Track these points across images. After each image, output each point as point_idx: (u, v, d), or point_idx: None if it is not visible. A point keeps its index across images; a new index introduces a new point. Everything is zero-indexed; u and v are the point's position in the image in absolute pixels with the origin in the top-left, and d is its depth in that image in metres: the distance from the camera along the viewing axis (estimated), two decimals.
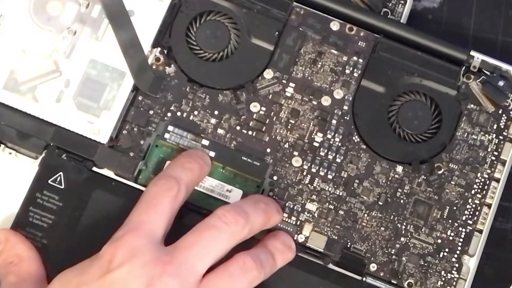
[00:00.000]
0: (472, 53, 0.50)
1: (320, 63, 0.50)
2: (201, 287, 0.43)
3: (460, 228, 0.48)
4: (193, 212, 0.47)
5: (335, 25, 0.50)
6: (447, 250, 0.48)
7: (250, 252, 0.44)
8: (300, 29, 0.50)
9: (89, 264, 0.43)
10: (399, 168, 0.49)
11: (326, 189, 0.49)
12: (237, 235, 0.44)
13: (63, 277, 0.44)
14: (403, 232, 0.48)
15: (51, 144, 0.48)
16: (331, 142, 0.49)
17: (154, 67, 0.49)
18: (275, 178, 0.49)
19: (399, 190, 0.49)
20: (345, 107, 0.50)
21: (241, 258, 0.44)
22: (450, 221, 0.48)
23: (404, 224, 0.48)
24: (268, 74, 0.50)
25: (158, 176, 0.46)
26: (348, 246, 0.48)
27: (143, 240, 0.43)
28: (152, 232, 0.43)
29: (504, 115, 0.50)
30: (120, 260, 0.42)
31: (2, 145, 0.49)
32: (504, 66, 0.50)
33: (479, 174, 0.49)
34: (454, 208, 0.49)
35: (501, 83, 0.49)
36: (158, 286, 0.42)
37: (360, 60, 0.50)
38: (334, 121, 0.49)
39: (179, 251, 0.43)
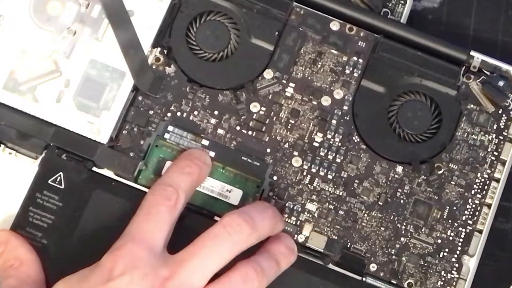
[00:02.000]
0: (472, 53, 0.50)
1: (320, 63, 0.50)
2: None
3: (460, 228, 0.48)
4: (192, 212, 0.47)
5: (335, 25, 0.50)
6: (447, 250, 0.48)
7: (252, 260, 0.44)
8: (300, 29, 0.50)
9: (90, 272, 0.43)
10: (399, 168, 0.49)
11: (326, 189, 0.49)
12: (242, 243, 0.44)
13: (64, 283, 0.44)
14: (403, 232, 0.48)
15: (51, 144, 0.48)
16: (331, 142, 0.49)
17: (154, 67, 0.50)
18: (275, 178, 0.49)
19: (399, 190, 0.49)
20: (345, 107, 0.50)
21: (243, 269, 0.44)
22: (450, 221, 0.48)
23: (404, 224, 0.48)
24: (268, 74, 0.50)
25: (156, 183, 0.46)
26: (348, 246, 0.48)
27: (144, 251, 0.43)
28: (152, 243, 0.43)
29: (504, 115, 0.50)
30: (121, 269, 0.42)
31: (2, 145, 0.49)
32: (504, 66, 0.50)
33: (479, 174, 0.49)
34: (454, 208, 0.49)
35: (501, 83, 0.49)
36: None
37: (360, 60, 0.50)
38: (334, 121, 0.49)
39: (179, 265, 0.43)
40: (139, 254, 0.43)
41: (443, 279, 0.48)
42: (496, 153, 0.49)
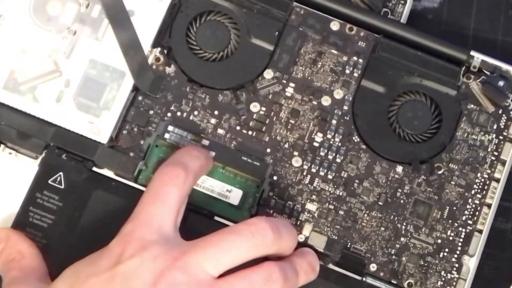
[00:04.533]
0: (472, 53, 0.50)
1: (320, 63, 0.50)
2: (215, 287, 0.42)
3: (460, 228, 0.48)
4: (192, 212, 0.47)
5: (335, 25, 0.50)
6: (447, 250, 0.48)
7: (278, 264, 0.43)
8: (300, 29, 0.50)
9: (99, 256, 0.43)
10: (399, 168, 0.49)
11: (326, 189, 0.49)
12: (262, 249, 0.43)
13: (73, 268, 0.44)
14: (403, 232, 0.48)
15: (51, 144, 0.48)
16: (331, 142, 0.49)
17: (154, 67, 0.49)
18: (275, 178, 0.49)
19: (399, 190, 0.49)
20: (345, 107, 0.50)
21: (269, 268, 0.43)
22: (450, 221, 0.48)
23: (404, 224, 0.48)
24: (268, 74, 0.50)
25: (164, 163, 0.45)
26: (348, 246, 0.48)
27: (154, 234, 0.43)
28: (162, 225, 0.43)
29: (504, 115, 0.50)
30: (130, 252, 0.42)
31: (2, 145, 0.49)
32: (504, 66, 0.50)
33: (479, 174, 0.49)
34: (454, 208, 0.49)
35: (501, 83, 0.49)
36: (166, 279, 0.41)
37: (360, 60, 0.50)
38: (334, 121, 0.49)
39: (193, 249, 0.42)
40: (149, 237, 0.43)
41: (443, 279, 0.48)
42: (496, 153, 0.49)
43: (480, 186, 0.49)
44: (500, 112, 0.50)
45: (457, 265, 0.48)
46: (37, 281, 0.45)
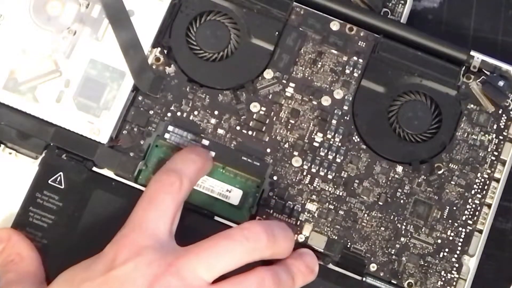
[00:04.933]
0: (472, 53, 0.50)
1: (320, 63, 0.50)
2: None
3: (460, 228, 0.48)
4: (192, 212, 0.47)
5: (335, 25, 0.50)
6: (447, 250, 0.48)
7: (272, 269, 0.43)
8: (300, 29, 0.50)
9: (93, 261, 0.43)
10: (399, 168, 0.49)
11: (326, 189, 0.49)
12: (256, 252, 0.43)
13: (67, 273, 0.44)
14: (403, 232, 0.48)
15: (51, 144, 0.48)
16: (331, 142, 0.49)
17: (154, 67, 0.50)
18: (275, 178, 0.49)
19: (399, 190, 0.49)
20: (345, 107, 0.50)
21: (261, 274, 0.43)
22: (450, 221, 0.48)
23: (404, 224, 0.48)
24: (268, 74, 0.50)
25: (160, 170, 0.45)
26: (348, 246, 0.48)
27: (148, 240, 0.43)
28: (156, 231, 0.43)
29: (504, 115, 0.50)
30: (124, 258, 0.42)
31: (2, 145, 0.49)
32: (504, 66, 0.50)
33: (479, 174, 0.49)
34: (454, 208, 0.49)
35: (501, 83, 0.49)
36: (160, 284, 0.41)
37: (360, 60, 0.50)
38: (334, 121, 0.49)
39: (187, 254, 0.42)
40: (143, 243, 0.43)
41: (443, 279, 0.48)
42: (496, 153, 0.49)
43: (480, 186, 0.49)
44: (500, 112, 0.50)
45: (457, 265, 0.48)
46: (33, 285, 0.45)
